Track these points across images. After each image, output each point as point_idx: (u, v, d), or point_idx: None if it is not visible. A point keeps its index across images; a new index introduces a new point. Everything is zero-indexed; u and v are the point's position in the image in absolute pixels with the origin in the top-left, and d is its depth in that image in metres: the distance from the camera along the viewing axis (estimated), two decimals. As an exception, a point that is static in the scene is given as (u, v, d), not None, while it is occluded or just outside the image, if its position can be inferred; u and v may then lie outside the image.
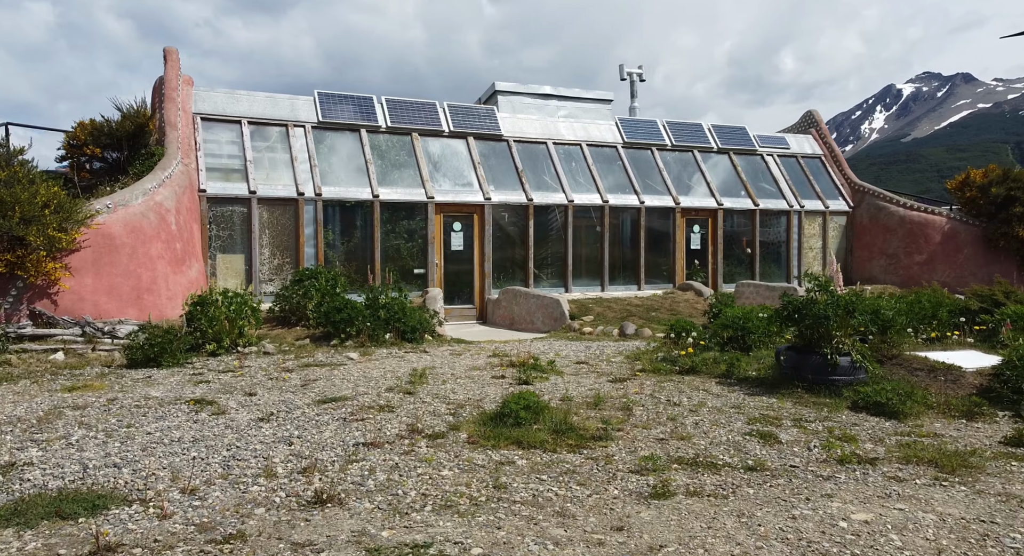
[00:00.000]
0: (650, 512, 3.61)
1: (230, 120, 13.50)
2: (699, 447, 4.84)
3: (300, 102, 14.37)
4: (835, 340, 6.44)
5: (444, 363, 8.39)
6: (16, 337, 8.51)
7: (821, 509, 3.65)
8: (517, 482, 4.05)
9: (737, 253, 17.29)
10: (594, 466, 4.38)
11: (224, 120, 13.46)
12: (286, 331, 10.60)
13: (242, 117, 13.61)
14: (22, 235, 8.46)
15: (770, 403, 6.23)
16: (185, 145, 12.53)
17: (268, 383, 7.04)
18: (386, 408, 5.85)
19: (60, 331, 8.85)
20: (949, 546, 3.21)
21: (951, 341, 8.45)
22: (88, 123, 11.18)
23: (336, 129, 14.37)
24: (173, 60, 13.38)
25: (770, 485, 4.06)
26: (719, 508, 3.66)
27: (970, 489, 4.03)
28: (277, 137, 13.79)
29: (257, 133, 13.65)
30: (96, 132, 11.06)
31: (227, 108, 13.59)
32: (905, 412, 5.75)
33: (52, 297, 9.20)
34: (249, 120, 13.65)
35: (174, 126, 12.51)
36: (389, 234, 14.05)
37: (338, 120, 14.32)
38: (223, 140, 13.28)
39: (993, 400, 6.07)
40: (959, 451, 4.77)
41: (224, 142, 13.28)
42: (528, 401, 5.32)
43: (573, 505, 3.70)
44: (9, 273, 8.80)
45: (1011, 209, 15.41)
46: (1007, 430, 5.31)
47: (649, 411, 5.90)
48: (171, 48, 13.53)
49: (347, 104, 14.70)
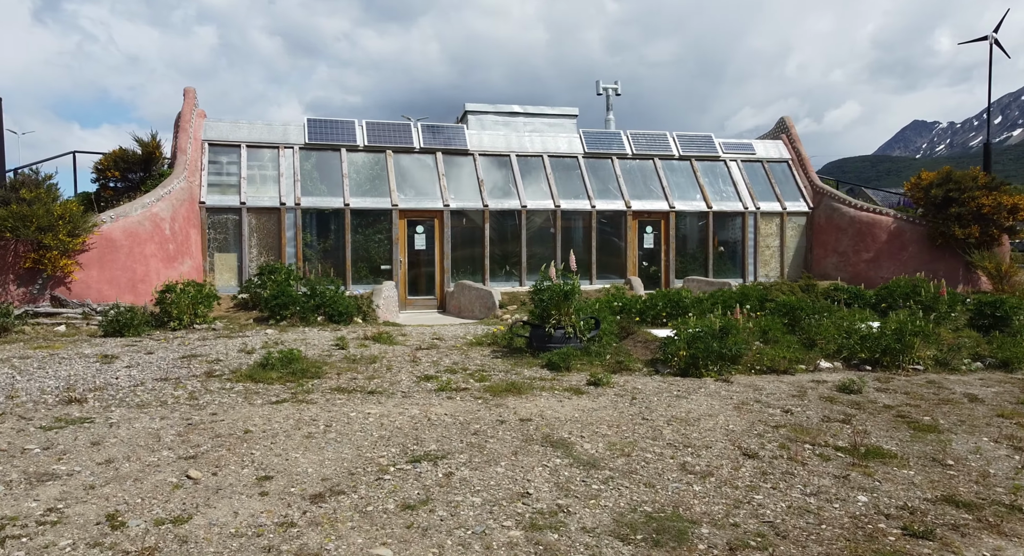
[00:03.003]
0: (312, 408, 5.85)
1: (231, 145, 16.62)
2: (384, 385, 6.98)
3: (291, 127, 17.29)
4: (552, 318, 8.29)
5: (321, 337, 10.81)
6: (34, 314, 11.76)
7: (498, 406, 5.75)
8: (226, 395, 6.40)
9: (692, 251, 18.57)
10: (286, 387, 6.64)
11: (227, 145, 16.60)
12: (244, 314, 13.41)
13: (242, 142, 16.70)
14: (41, 240, 11.69)
15: (501, 360, 8.18)
16: (192, 166, 15.73)
17: (173, 347, 9.74)
18: (216, 360, 8.34)
19: (67, 310, 12.05)
20: (603, 411, 5.26)
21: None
22: (112, 153, 14.53)
23: (320, 149, 17.18)
24: (190, 98, 16.66)
25: (441, 396, 6.18)
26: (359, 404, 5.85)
27: (575, 398, 5.98)
28: (269, 157, 16.78)
29: (253, 154, 16.69)
30: (117, 160, 14.38)
31: (230, 135, 16.72)
32: (569, 366, 7.57)
33: (67, 285, 12.44)
34: (247, 144, 16.72)
35: (184, 151, 15.74)
36: (360, 236, 16.67)
37: (321, 142, 17.12)
38: (224, 161, 16.40)
39: (656, 360, 7.74)
40: (576, 385, 6.64)
41: (225, 163, 16.40)
42: (286, 355, 7.63)
43: (259, 406, 6.01)
44: (35, 267, 12.08)
45: (948, 210, 15.80)
46: (600, 376, 7.09)
47: (388, 364, 8.04)
48: (189, 88, 16.82)
49: (331, 127, 17.48)
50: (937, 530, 4.09)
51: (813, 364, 8.04)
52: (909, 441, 5.54)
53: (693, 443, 5.42)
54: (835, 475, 4.86)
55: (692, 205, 18.36)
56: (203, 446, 5.06)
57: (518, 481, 4.63)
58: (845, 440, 5.50)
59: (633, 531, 4.02)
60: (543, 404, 6.31)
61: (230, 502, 4.20)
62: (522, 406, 6.22)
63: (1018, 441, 5.48)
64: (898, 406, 6.47)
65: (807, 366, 8.00)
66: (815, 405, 6.50)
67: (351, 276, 16.56)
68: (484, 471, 4.78)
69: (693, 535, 4.00)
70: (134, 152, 14.57)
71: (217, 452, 4.96)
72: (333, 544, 3.73)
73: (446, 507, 4.22)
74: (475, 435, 5.46)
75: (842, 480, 4.78)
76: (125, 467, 4.67)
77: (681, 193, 18.60)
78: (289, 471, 4.70)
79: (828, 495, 4.55)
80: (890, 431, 5.78)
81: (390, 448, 5.15)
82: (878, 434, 5.70)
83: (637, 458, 5.10)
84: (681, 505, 4.37)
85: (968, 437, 5.64)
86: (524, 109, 19.19)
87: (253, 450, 5.02)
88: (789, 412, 6.25)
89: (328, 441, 5.24)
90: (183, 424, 5.49)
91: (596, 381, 7.03)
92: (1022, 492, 4.60)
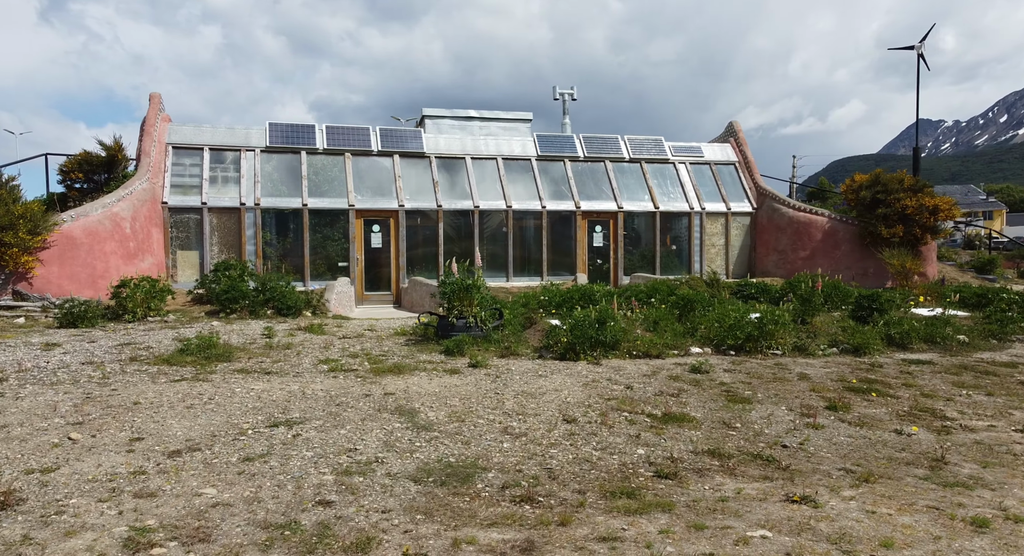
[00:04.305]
0: (204, 385, 6.65)
1: (195, 148, 17.43)
2: (284, 367, 7.78)
3: (253, 130, 18.10)
4: (455, 309, 9.09)
5: (258, 328, 11.60)
6: (-3, 306, 12.58)
7: (373, 383, 6.55)
8: (137, 375, 7.21)
9: (642, 249, 19.36)
10: (196, 369, 7.44)
11: (190, 148, 17.41)
12: (199, 307, 14.22)
13: (205, 145, 17.51)
14: (1, 238, 12.50)
15: (408, 347, 8.98)
16: (155, 168, 16.54)
17: (117, 336, 10.54)
18: (147, 347, 9.14)
19: (27, 304, 12.87)
20: (463, 387, 6.05)
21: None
22: (76, 156, 15.36)
23: (281, 151, 17.99)
24: (155, 103, 17.48)
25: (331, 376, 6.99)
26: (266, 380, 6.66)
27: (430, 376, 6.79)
28: (231, 159, 17.59)
29: (215, 157, 17.50)
30: (81, 162, 15.21)
31: (194, 138, 17.53)
32: (465, 353, 8.36)
33: (28, 280, 13.25)
34: (210, 147, 17.53)
35: (148, 154, 16.55)
36: (318, 235, 17.47)
37: (282, 145, 17.93)
38: (187, 163, 17.21)
39: (545, 346, 8.53)
40: (456, 367, 7.45)
41: (188, 165, 17.21)
42: (207, 344, 8.43)
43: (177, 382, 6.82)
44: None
45: (876, 211, 16.57)
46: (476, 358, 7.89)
47: (299, 350, 8.84)
48: (155, 93, 17.64)
49: (292, 131, 18.29)
50: (682, 473, 4.89)
51: (685, 350, 8.83)
52: (717, 410, 6.34)
53: (526, 412, 6.22)
54: (631, 435, 5.66)
55: (640, 205, 19.15)
56: (92, 415, 5.87)
57: (353, 440, 5.43)
58: (661, 409, 6.29)
59: (428, 475, 4.82)
60: (414, 382, 7.12)
61: (98, 457, 5.00)
62: (394, 383, 7.03)
63: (808, 410, 6.27)
64: (732, 383, 7.26)
65: (679, 351, 8.79)
66: (659, 383, 7.30)
67: (310, 273, 17.36)
68: (328, 433, 5.58)
69: (478, 478, 4.80)
70: (98, 155, 15.40)
71: (103, 420, 5.77)
72: (170, 486, 4.54)
73: (279, 459, 5.02)
74: (337, 406, 6.27)
75: (634, 439, 5.57)
76: (16, 431, 5.48)
77: (630, 194, 19.39)
78: (160, 434, 5.50)
79: (613, 449, 5.35)
80: (707, 402, 6.58)
81: (257, 416, 5.96)
82: (695, 405, 6.50)
83: (469, 423, 5.90)
84: (483, 458, 5.17)
85: (771, 406, 6.44)
86: (480, 114, 19.97)
87: (136, 418, 5.83)
88: (630, 388, 7.05)
89: (205, 411, 6.05)
90: (82, 398, 6.30)
91: (476, 363, 7.82)
92: (776, 447, 5.40)
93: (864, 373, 7.70)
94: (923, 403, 6.56)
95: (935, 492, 4.49)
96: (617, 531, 4.00)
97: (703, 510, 4.29)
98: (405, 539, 3.91)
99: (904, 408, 6.40)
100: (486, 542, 3.88)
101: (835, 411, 6.25)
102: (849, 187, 17.81)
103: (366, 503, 4.38)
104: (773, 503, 4.38)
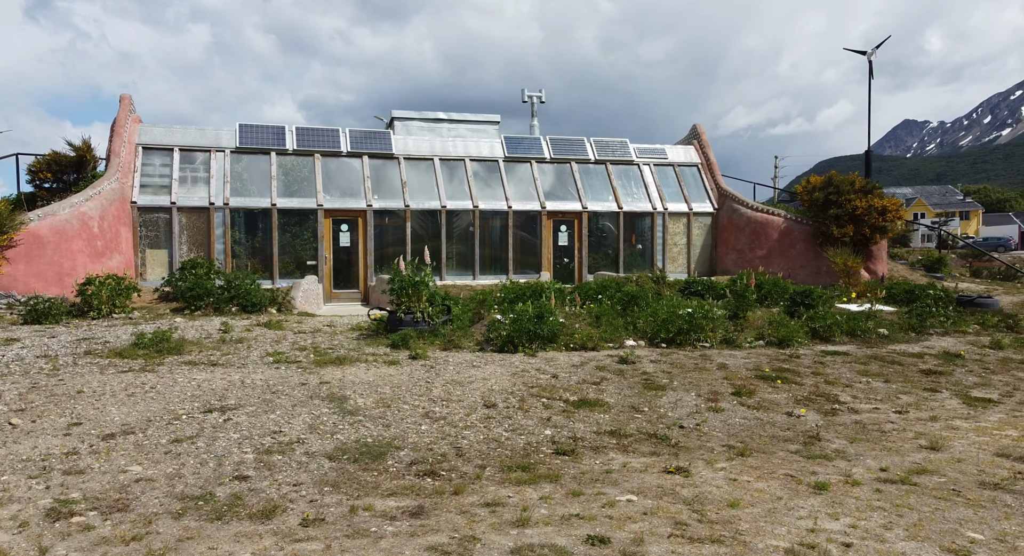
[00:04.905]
0: (150, 375, 7.00)
1: (165, 148, 17.70)
2: (232, 359, 8.14)
3: (223, 131, 18.38)
4: (403, 305, 9.48)
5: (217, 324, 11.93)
6: (-37, 303, 12.82)
7: (312, 374, 6.92)
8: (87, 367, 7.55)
9: (607, 248, 19.84)
10: (145, 361, 7.79)
11: (160, 148, 17.67)
12: (165, 305, 14.51)
13: (175, 145, 17.78)
14: (-31, 236, 12.75)
15: (358, 341, 9.36)
16: (125, 169, 16.80)
17: (78, 332, 10.83)
18: (105, 342, 9.46)
19: (-5, 301, 13.11)
20: (397, 377, 6.43)
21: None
22: (46, 156, 15.60)
23: (251, 152, 18.29)
24: (125, 104, 17.73)
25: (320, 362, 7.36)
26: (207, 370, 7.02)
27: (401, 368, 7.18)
28: (201, 160, 17.87)
29: (185, 157, 17.78)
30: (50, 162, 15.45)
31: (164, 139, 17.80)
32: (410, 346, 8.76)
33: (-4, 278, 13.50)
34: (180, 147, 17.80)
35: (117, 154, 16.81)
36: (287, 234, 17.79)
37: (252, 146, 18.23)
38: (157, 164, 17.48)
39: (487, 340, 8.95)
40: (397, 359, 7.83)
41: (158, 165, 17.48)
42: (161, 338, 8.78)
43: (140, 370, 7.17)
44: (-35, 262, 13.14)
45: (828, 211, 17.12)
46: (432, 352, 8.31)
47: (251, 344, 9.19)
48: (125, 95, 17.90)
49: (262, 132, 18.60)
50: (580, 450, 5.32)
51: (620, 342, 9.27)
52: (631, 396, 6.78)
53: (451, 398, 6.63)
54: (543, 418, 6.08)
55: (605, 206, 19.62)
56: (35, 402, 6.22)
57: (280, 424, 5.82)
58: (578, 396, 6.72)
59: (344, 453, 5.21)
60: (352, 372, 7.51)
61: (35, 440, 5.35)
62: (332, 374, 7.42)
63: (715, 395, 6.73)
64: (653, 373, 7.70)
65: (614, 344, 9.24)
66: (585, 372, 7.73)
67: (279, 271, 17.67)
68: (258, 418, 5.96)
69: (390, 456, 5.20)
70: (67, 155, 15.65)
71: (45, 407, 6.12)
72: (99, 464, 4.91)
73: (207, 441, 5.40)
74: (273, 394, 6.65)
75: (545, 421, 6.00)
76: (-39, 416, 5.82)
77: (595, 195, 19.86)
78: (98, 419, 5.86)
79: (523, 431, 5.77)
80: (624, 390, 7.02)
81: (194, 403, 6.33)
82: (612, 392, 6.93)
83: (394, 408, 6.30)
84: (399, 438, 5.57)
85: (682, 393, 6.89)
86: (449, 116, 20.37)
87: (77, 405, 6.18)
88: (556, 377, 7.47)
89: (145, 399, 6.41)
90: (28, 387, 6.65)
91: (416, 355, 8.23)
92: (674, 428, 5.85)
93: (781, 363, 8.18)
94: (823, 389, 7.03)
95: (798, 463, 4.95)
96: (503, 498, 4.41)
97: (586, 480, 4.71)
98: (309, 507, 4.31)
99: (804, 393, 6.87)
100: (382, 509, 4.29)
101: (739, 396, 6.71)
102: (804, 189, 18.38)
103: (280, 478, 4.77)
104: (651, 474, 4.82)
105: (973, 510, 4.00)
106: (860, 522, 3.84)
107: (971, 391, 7.06)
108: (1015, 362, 8.31)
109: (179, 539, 3.83)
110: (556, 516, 4.09)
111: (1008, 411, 6.36)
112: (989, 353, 8.80)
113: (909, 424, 5.90)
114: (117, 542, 3.79)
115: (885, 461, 4.93)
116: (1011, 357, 8.56)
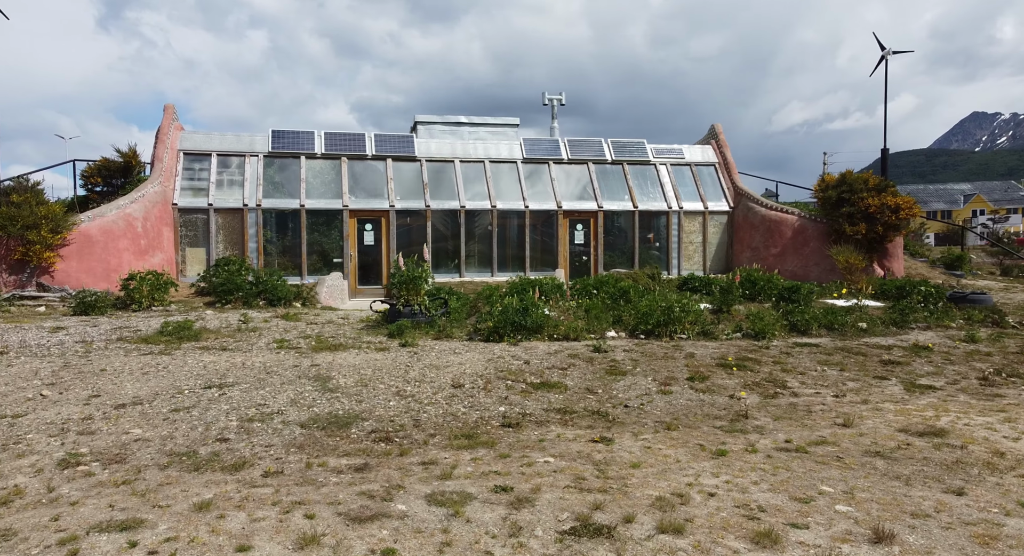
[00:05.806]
0: (165, 358, 7.94)
1: (204, 154, 18.95)
2: (241, 346, 9.02)
3: (258, 137, 19.55)
4: (402, 298, 10.22)
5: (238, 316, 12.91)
6: (20, 297, 14.17)
7: (306, 358, 7.80)
8: (114, 350, 8.52)
9: (622, 246, 20.28)
10: (165, 346, 8.73)
11: (199, 154, 18.93)
12: (200, 298, 15.65)
13: (213, 151, 19.02)
14: (27, 236, 14.08)
15: (361, 332, 10.14)
16: (167, 173, 18.09)
17: (118, 322, 11.94)
18: (137, 330, 10.48)
19: (49, 295, 14.44)
20: (382, 361, 7.29)
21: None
22: (96, 163, 16.97)
23: (282, 157, 19.41)
24: (168, 114, 19.06)
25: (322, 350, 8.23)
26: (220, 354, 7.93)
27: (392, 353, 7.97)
28: (237, 164, 19.06)
29: (222, 162, 19.00)
30: (100, 168, 16.81)
31: (203, 145, 19.06)
32: (404, 335, 9.49)
33: (50, 274, 14.83)
34: (218, 153, 19.03)
35: (160, 160, 18.12)
36: (315, 233, 18.83)
37: (284, 150, 19.34)
38: (197, 168, 18.74)
39: (476, 331, 9.61)
40: (387, 346, 8.59)
41: (197, 169, 18.73)
42: (184, 327, 9.73)
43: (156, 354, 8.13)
44: (23, 259, 14.50)
45: (841, 209, 17.20)
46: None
47: (263, 333, 10.06)
48: (169, 105, 19.22)
49: (293, 137, 19.70)
50: (524, 424, 5.94)
51: (601, 334, 9.80)
52: (592, 380, 7.34)
53: (425, 380, 7.32)
54: (501, 397, 6.72)
55: (620, 205, 20.07)
56: (65, 378, 7.16)
57: (266, 397, 6.61)
58: (541, 379, 7.32)
59: (315, 422, 5.96)
60: (343, 356, 8.27)
61: (59, 408, 6.26)
62: (324, 358, 8.20)
63: (669, 380, 7.25)
64: (621, 361, 8.23)
65: (596, 335, 9.77)
66: (557, 359, 8.32)
67: (307, 268, 18.73)
68: (249, 393, 6.76)
69: (355, 425, 5.92)
70: (115, 161, 16.99)
71: (72, 382, 7.05)
72: (107, 427, 5.77)
73: (201, 410, 6.22)
74: (267, 374, 7.46)
75: (502, 400, 6.63)
76: (1, 389, 6.78)
77: (611, 194, 20.32)
78: (114, 393, 6.75)
79: (480, 407, 6.42)
80: (587, 374, 7.58)
81: (198, 381, 7.18)
82: (575, 376, 7.51)
83: (371, 387, 7.02)
84: (368, 412, 6.29)
85: (641, 378, 7.42)
86: (469, 119, 21.15)
87: (99, 381, 7.10)
88: (528, 363, 8.08)
89: (157, 376, 7.30)
90: (62, 366, 7.61)
91: (405, 343, 8.95)
92: (620, 407, 6.40)
93: (748, 353, 8.59)
94: (776, 376, 7.46)
95: (716, 436, 5.46)
96: (439, 459, 5.08)
97: (518, 446, 5.34)
98: (273, 463, 5.06)
99: (756, 379, 7.32)
100: (334, 466, 5.01)
101: (692, 381, 7.21)
102: (819, 187, 18.47)
103: (255, 440, 5.54)
104: (579, 443, 5.41)
105: (841, 471, 4.46)
106: (736, 479, 4.36)
107: (919, 379, 7.38)
108: (980, 354, 8.53)
109: (160, 484, 4.62)
110: (478, 472, 4.73)
111: (943, 397, 6.69)
112: (960, 346, 9.02)
113: (839, 406, 6.31)
114: (110, 485, 4.60)
115: (794, 435, 5.39)
116: (979, 350, 8.77)
